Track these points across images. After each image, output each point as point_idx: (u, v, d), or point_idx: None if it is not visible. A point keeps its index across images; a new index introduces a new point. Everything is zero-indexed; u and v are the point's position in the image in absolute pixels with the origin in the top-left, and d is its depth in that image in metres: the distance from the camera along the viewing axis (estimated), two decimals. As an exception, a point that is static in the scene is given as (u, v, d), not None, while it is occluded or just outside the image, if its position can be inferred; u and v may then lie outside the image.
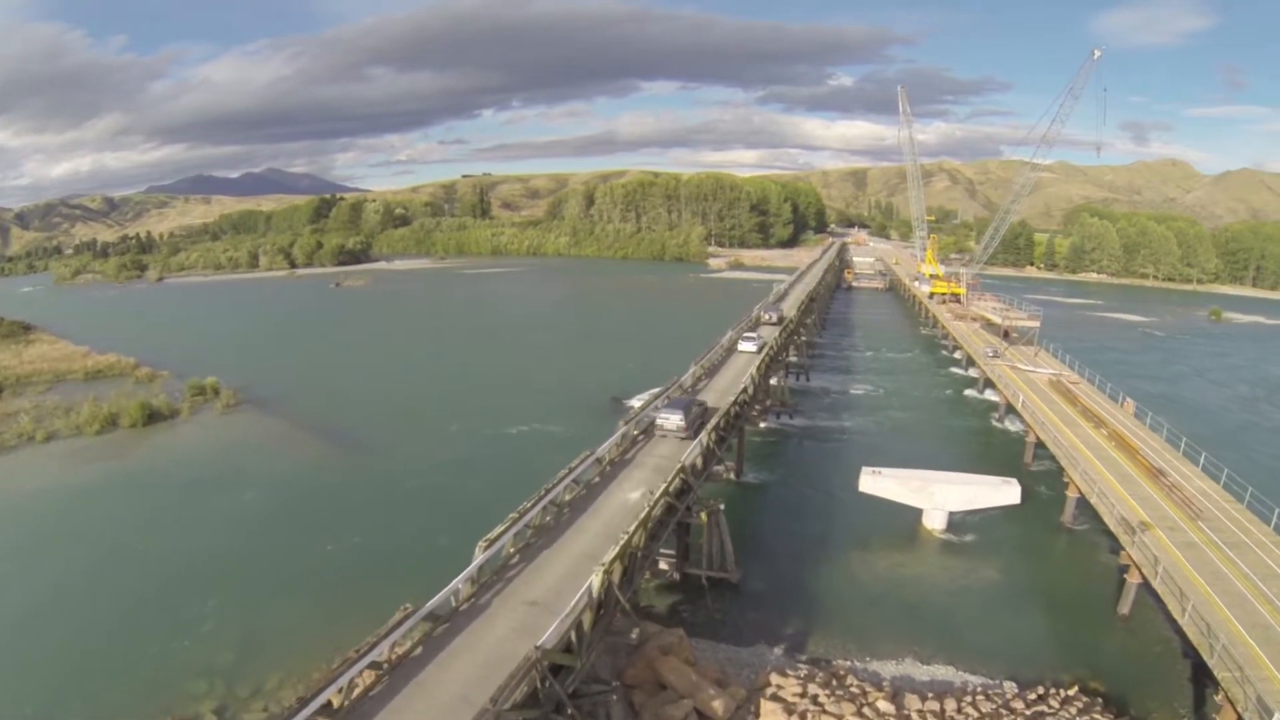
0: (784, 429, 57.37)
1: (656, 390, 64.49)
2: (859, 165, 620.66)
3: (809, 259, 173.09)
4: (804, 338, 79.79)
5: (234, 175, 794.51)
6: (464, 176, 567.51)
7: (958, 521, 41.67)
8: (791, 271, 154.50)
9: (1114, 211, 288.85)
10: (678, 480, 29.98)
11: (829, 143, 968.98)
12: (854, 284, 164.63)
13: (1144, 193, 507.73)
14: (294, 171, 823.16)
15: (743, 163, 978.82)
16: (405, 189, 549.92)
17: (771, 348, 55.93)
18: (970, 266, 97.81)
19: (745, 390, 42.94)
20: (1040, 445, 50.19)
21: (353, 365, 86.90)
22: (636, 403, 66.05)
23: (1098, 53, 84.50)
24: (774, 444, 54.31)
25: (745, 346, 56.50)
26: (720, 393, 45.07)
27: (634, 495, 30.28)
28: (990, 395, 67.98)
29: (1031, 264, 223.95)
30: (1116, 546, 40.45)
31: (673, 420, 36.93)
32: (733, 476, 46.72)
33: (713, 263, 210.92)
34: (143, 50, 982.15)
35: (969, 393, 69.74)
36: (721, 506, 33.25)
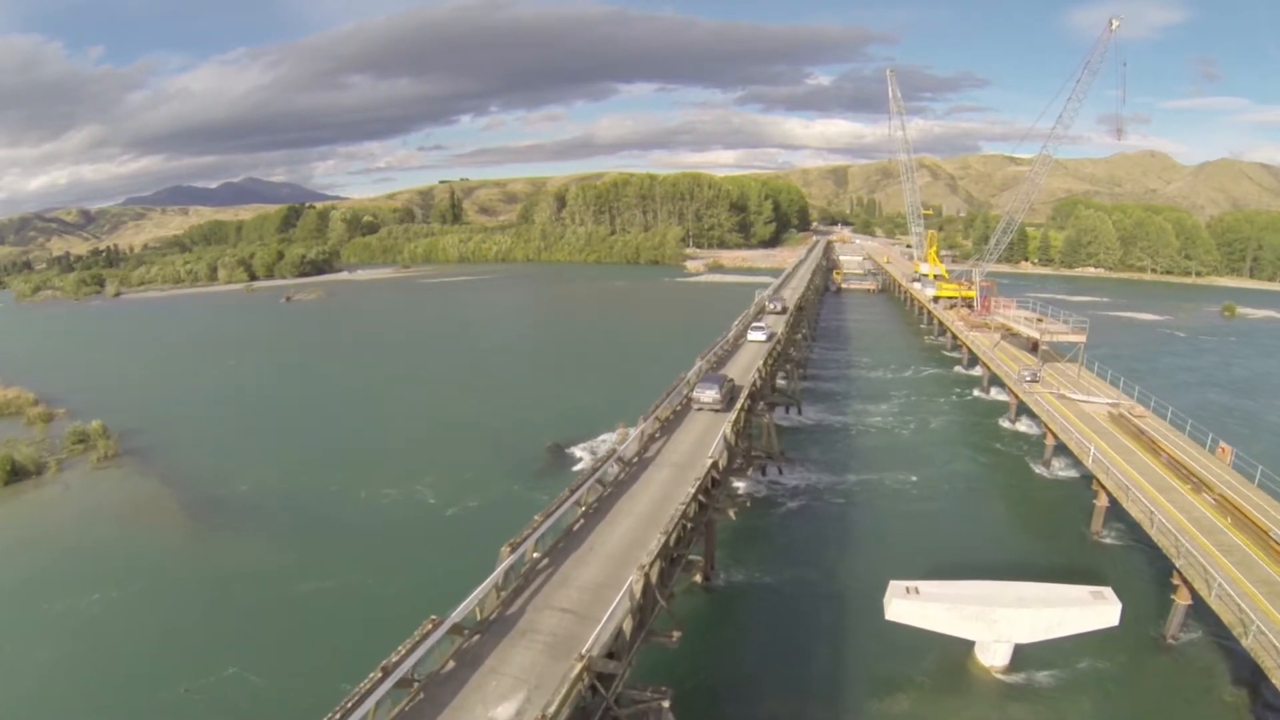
0: (772, 492, 43.71)
1: (595, 440, 53.34)
2: (839, 163, 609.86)
3: (793, 259, 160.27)
4: (795, 355, 66.40)
5: (213, 185, 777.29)
6: (441, 182, 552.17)
7: (1023, 650, 28.41)
8: (775, 273, 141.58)
9: (1104, 204, 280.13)
10: (579, 687, 16.37)
11: (808, 142, 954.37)
12: (843, 286, 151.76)
13: (1125, 184, 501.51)
14: (273, 181, 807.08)
15: (722, 163, 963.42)
16: (382, 196, 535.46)
17: (778, 342, 51.83)
18: (981, 266, 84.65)
19: (714, 466, 29.29)
20: (1114, 511, 37.32)
21: (267, 399, 73.75)
22: (579, 452, 53.25)
23: (1115, 23, 71.98)
24: (759, 516, 40.63)
25: (754, 336, 56.53)
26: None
27: (503, 712, 16.70)
28: (1023, 426, 55.25)
29: (1026, 259, 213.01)
30: (1243, 672, 27.87)
31: (709, 394, 38.54)
32: (699, 580, 33.20)
33: (690, 265, 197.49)
34: (120, 61, 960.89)
35: (1002, 423, 56.54)
36: (666, 704, 19.60)
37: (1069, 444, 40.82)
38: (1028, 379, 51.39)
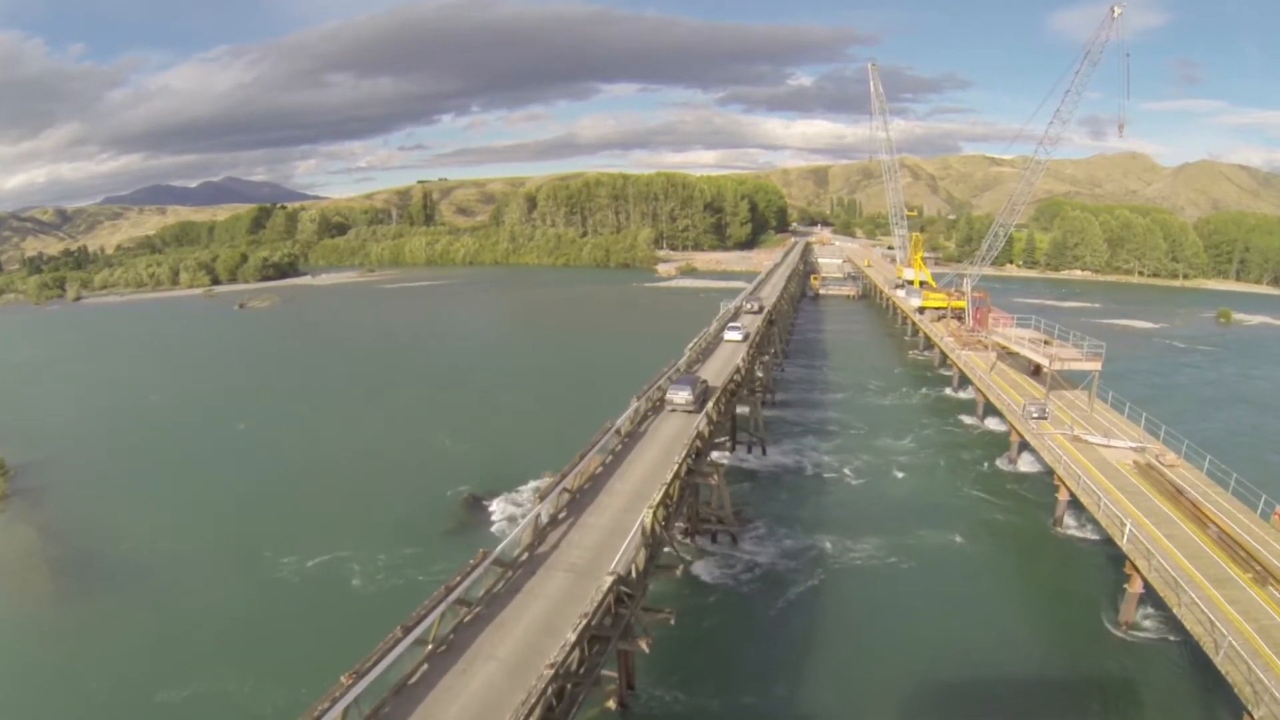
0: (721, 570, 34.42)
1: (518, 489, 44.00)
2: (820, 163, 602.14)
3: (769, 262, 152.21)
4: (761, 378, 58.04)
5: (192, 185, 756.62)
6: (420, 182, 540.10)
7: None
8: (750, 277, 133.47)
9: (1088, 204, 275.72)
10: None
11: (789, 142, 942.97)
12: (821, 291, 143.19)
13: (1105, 185, 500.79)
14: (253, 180, 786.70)
15: (703, 163, 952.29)
16: (360, 196, 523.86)
17: (738, 370, 45.40)
18: (971, 271, 76.31)
19: (621, 578, 20.65)
20: (1150, 595, 29.28)
21: (184, 426, 65.23)
22: (497, 506, 44.46)
23: (1118, 10, 64.22)
24: (701, 606, 31.86)
25: (731, 335, 57.35)
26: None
27: None
28: (1025, 466, 47.21)
29: (1011, 261, 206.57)
30: None
31: (681, 395, 37.56)
32: (613, 705, 24.65)
33: (661, 269, 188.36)
34: (101, 58, 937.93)
35: (1000, 464, 48.13)
36: None
37: (1095, 512, 32.39)
38: (1035, 415, 43.13)
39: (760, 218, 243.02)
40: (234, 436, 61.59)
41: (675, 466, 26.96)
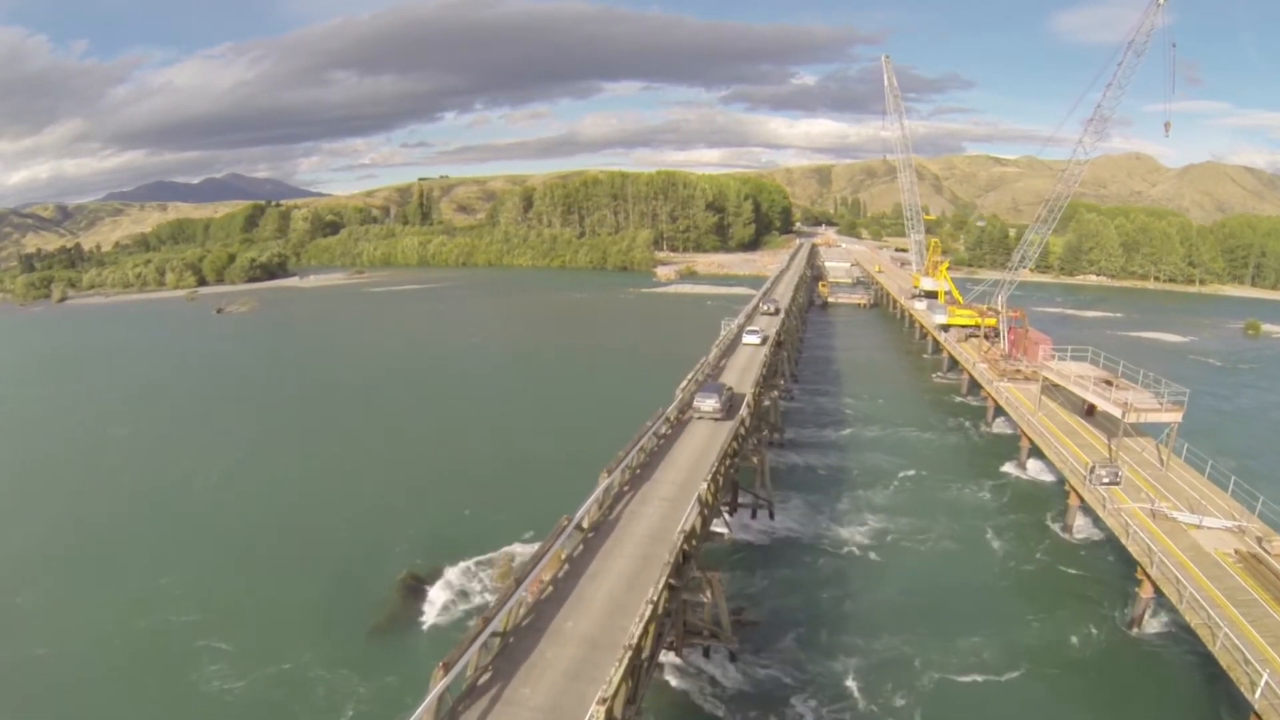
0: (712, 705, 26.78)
1: (469, 563, 36.41)
2: (823, 162, 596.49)
3: (775, 266, 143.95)
4: (771, 419, 50.21)
5: (195, 181, 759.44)
6: (420, 180, 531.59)
7: None
8: (755, 282, 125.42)
9: (1096, 205, 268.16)
10: None
11: (793, 141, 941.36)
12: (830, 299, 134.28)
13: (1110, 186, 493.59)
14: (256, 177, 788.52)
15: (706, 162, 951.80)
16: (361, 193, 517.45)
17: (742, 421, 38.42)
18: (1005, 285, 67.55)
19: None
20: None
21: (107, 463, 57.15)
22: (439, 594, 36.28)
23: None
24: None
25: (749, 339, 57.46)
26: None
27: None
28: (1082, 531, 39.42)
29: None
30: None
31: (709, 403, 37.38)
32: None
33: (661, 272, 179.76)
34: (104, 55, 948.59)
35: (1055, 528, 40.09)
36: None
37: (1210, 645, 23.73)
38: (1105, 480, 35.05)
39: (764, 218, 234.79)
40: (156, 480, 52.43)
41: (650, 605, 18.99)
